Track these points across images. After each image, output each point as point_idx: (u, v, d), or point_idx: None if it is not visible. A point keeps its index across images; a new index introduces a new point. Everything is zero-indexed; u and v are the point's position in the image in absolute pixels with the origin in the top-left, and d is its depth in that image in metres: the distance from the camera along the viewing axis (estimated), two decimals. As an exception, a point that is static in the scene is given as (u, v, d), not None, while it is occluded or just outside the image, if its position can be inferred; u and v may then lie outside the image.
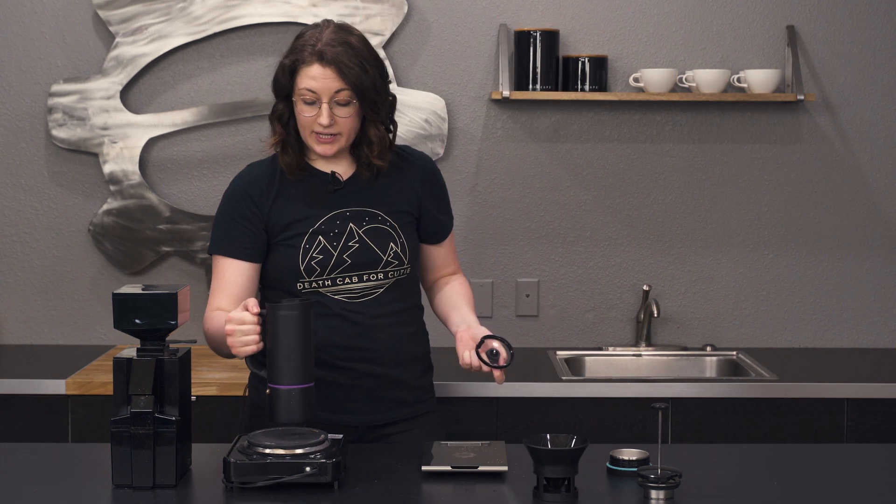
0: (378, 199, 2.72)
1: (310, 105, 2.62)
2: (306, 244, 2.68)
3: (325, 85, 2.60)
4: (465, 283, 2.91)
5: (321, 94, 2.61)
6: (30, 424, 3.44)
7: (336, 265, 2.68)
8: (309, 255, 2.68)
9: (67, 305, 4.01)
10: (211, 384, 3.46)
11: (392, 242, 2.71)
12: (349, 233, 2.69)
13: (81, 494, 2.32)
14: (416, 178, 2.78)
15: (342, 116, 2.63)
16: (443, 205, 2.84)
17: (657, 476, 2.22)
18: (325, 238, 2.68)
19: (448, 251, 2.89)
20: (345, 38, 2.63)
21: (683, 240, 4.04)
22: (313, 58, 2.60)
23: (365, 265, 2.69)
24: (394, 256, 2.71)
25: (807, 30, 3.98)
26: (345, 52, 2.60)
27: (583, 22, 3.98)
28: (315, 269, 2.68)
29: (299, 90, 2.63)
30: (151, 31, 3.91)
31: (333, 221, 2.69)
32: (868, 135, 4.01)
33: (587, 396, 3.47)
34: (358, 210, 2.70)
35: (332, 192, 2.71)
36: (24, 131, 3.97)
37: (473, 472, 2.38)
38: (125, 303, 2.33)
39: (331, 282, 2.69)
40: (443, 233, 2.85)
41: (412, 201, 2.76)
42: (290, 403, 2.35)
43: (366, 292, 2.71)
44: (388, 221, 2.72)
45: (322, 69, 2.60)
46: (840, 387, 3.50)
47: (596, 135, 4.00)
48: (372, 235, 2.70)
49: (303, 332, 2.37)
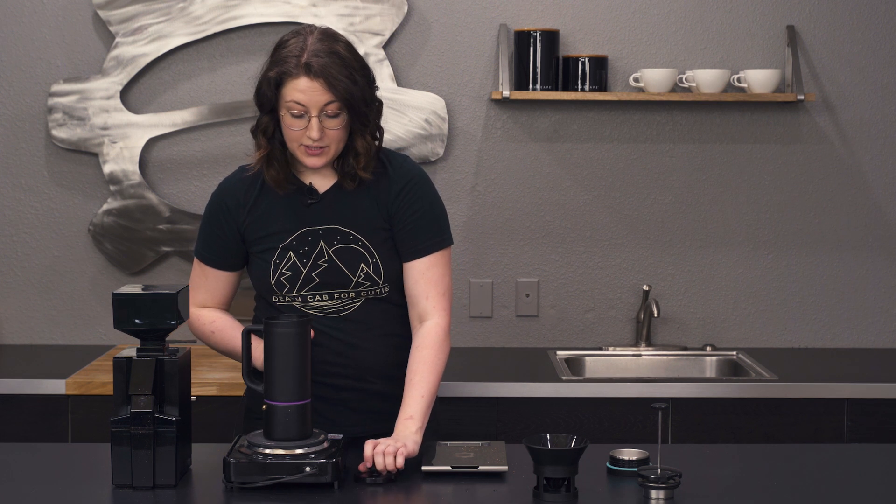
0: (352, 216, 2.63)
1: (298, 118, 2.52)
2: (277, 259, 2.63)
3: (313, 98, 2.50)
4: (430, 346, 2.60)
5: (310, 107, 2.50)
6: (30, 424, 3.44)
7: (305, 282, 2.63)
8: (279, 270, 2.63)
9: (67, 305, 4.01)
10: (211, 384, 3.46)
11: (363, 263, 2.62)
12: (319, 251, 2.62)
13: (81, 494, 2.32)
14: (393, 189, 2.63)
15: (331, 129, 2.53)
16: (417, 221, 2.64)
17: (657, 476, 2.22)
18: (295, 254, 2.63)
19: (420, 277, 2.63)
20: (331, 47, 2.53)
21: (683, 240, 4.04)
22: (300, 70, 2.49)
23: (334, 285, 2.63)
24: (365, 277, 2.62)
25: (807, 30, 3.98)
26: (332, 63, 2.50)
27: (583, 22, 3.98)
28: (285, 284, 2.64)
29: (286, 103, 2.52)
30: (151, 31, 3.91)
31: (305, 238, 2.63)
32: (868, 135, 4.01)
33: (587, 396, 3.47)
34: (329, 228, 2.62)
35: (307, 206, 2.63)
36: (24, 131, 3.97)
37: (473, 472, 2.38)
38: (125, 303, 2.33)
39: (301, 299, 2.64)
40: (410, 249, 2.64)
41: (385, 215, 2.63)
42: (286, 420, 2.35)
43: (340, 308, 2.65)
44: (360, 241, 2.62)
45: (310, 82, 2.49)
46: (840, 387, 3.50)
47: (596, 135, 4.00)
48: (342, 255, 2.62)
49: (299, 350, 2.36)
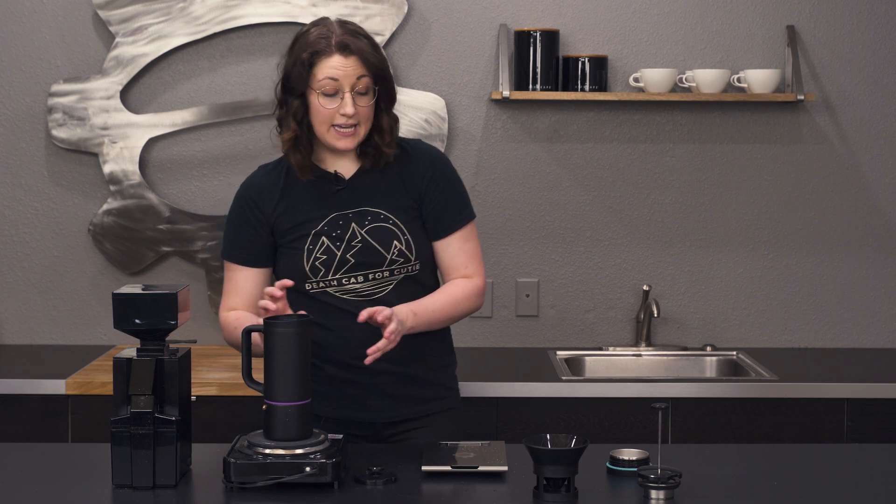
0: (380, 197, 2.71)
1: (330, 97, 2.62)
2: (310, 245, 2.69)
3: (347, 74, 2.61)
4: (466, 284, 2.77)
5: (343, 82, 2.61)
6: (30, 424, 3.44)
7: (340, 265, 2.68)
8: (313, 255, 2.69)
9: (67, 305, 4.01)
10: (211, 384, 3.46)
11: (396, 240, 2.70)
12: (352, 233, 2.69)
13: (81, 494, 2.32)
14: (417, 171, 2.74)
15: (362, 105, 2.64)
16: (447, 198, 2.76)
17: (657, 476, 2.22)
18: (328, 238, 2.69)
19: (457, 251, 2.77)
20: (356, 28, 2.68)
21: (683, 240, 4.04)
22: (333, 48, 2.62)
23: (369, 264, 2.69)
24: (398, 254, 2.70)
25: (807, 30, 3.98)
26: (363, 41, 2.65)
27: (583, 22, 3.98)
28: (320, 269, 2.69)
29: (318, 82, 2.62)
30: (151, 31, 3.91)
31: (336, 222, 2.70)
32: (868, 135, 4.01)
33: (587, 396, 3.47)
34: (360, 210, 2.70)
35: (334, 192, 2.71)
36: (24, 131, 3.97)
37: (473, 472, 2.38)
38: (125, 303, 2.33)
39: (336, 282, 2.69)
40: (444, 228, 2.76)
41: (413, 195, 2.73)
42: (286, 420, 2.35)
43: (374, 291, 2.70)
44: (391, 219, 2.70)
45: (343, 59, 2.61)
46: (840, 387, 3.50)
47: (596, 135, 4.00)
48: (375, 234, 2.69)
49: (299, 350, 2.36)
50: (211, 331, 4.00)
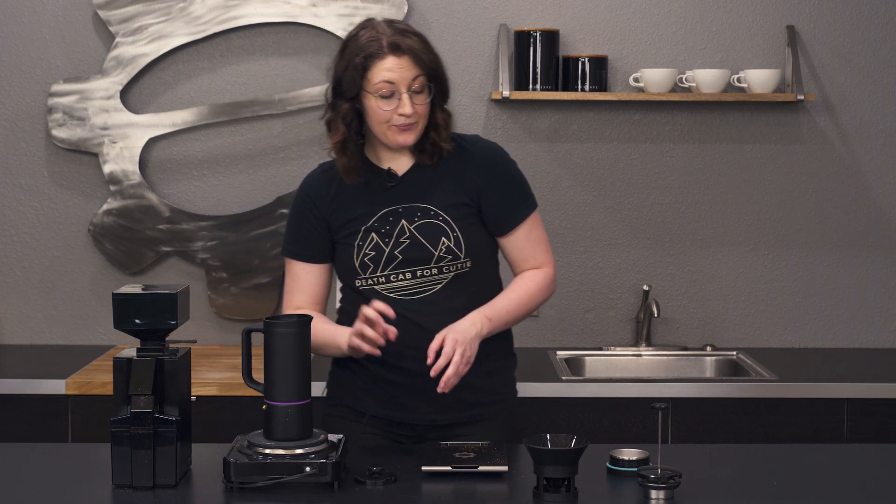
0: (431, 193, 2.70)
1: (387, 99, 2.62)
2: (360, 241, 2.69)
3: (402, 75, 2.61)
4: (537, 275, 2.75)
5: (399, 84, 2.61)
6: (30, 424, 3.44)
7: (388, 261, 2.67)
8: (362, 251, 2.69)
9: (67, 305, 4.01)
10: (211, 384, 3.46)
11: (444, 237, 2.67)
12: (400, 229, 2.68)
13: (81, 494, 2.32)
14: (474, 167, 2.71)
15: (419, 104, 2.64)
16: (508, 193, 2.73)
17: (657, 476, 2.22)
18: (377, 235, 2.68)
19: (524, 243, 2.75)
20: (405, 27, 2.68)
21: (683, 240, 4.04)
22: (386, 50, 2.61)
23: (416, 261, 2.67)
24: (447, 251, 2.67)
25: (807, 30, 3.98)
26: (415, 40, 2.64)
27: (583, 22, 3.98)
28: (368, 265, 2.68)
29: (374, 85, 2.61)
30: (151, 31, 3.91)
31: (386, 218, 2.69)
32: (868, 135, 4.01)
33: (587, 396, 3.47)
34: (410, 206, 2.69)
35: (387, 189, 2.70)
36: (24, 131, 3.97)
37: (473, 472, 2.38)
38: (125, 303, 2.33)
39: (384, 278, 2.68)
40: (508, 223, 2.73)
41: (470, 192, 2.70)
42: (286, 420, 2.35)
43: (421, 288, 2.68)
44: (441, 215, 2.68)
45: (398, 59, 2.61)
46: (840, 387, 3.50)
47: (596, 135, 4.00)
48: (423, 230, 2.67)
49: (299, 350, 2.36)
50: (211, 331, 4.01)
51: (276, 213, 3.96)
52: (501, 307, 2.68)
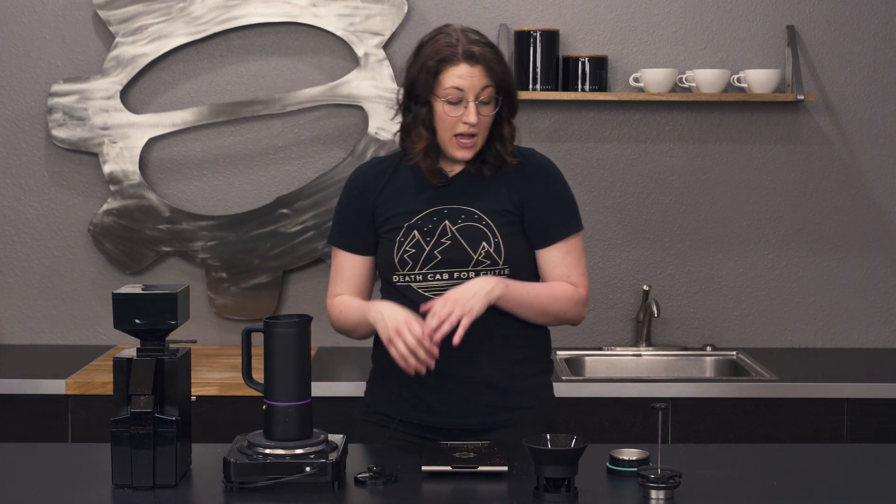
0: (478, 197, 2.70)
1: (454, 105, 2.63)
2: (401, 238, 2.70)
3: (472, 83, 2.61)
4: (568, 288, 2.72)
5: (468, 92, 2.62)
6: (30, 424, 3.44)
7: (427, 260, 2.67)
8: (403, 247, 2.69)
9: (67, 305, 4.01)
10: (211, 384, 3.46)
11: (485, 241, 2.67)
12: (443, 229, 2.68)
13: (81, 494, 2.32)
14: (524, 177, 2.72)
15: (484, 115, 2.64)
16: (553, 207, 2.72)
17: (657, 476, 2.22)
18: (419, 233, 2.69)
19: (560, 261, 2.73)
20: (482, 38, 2.68)
21: (683, 240, 4.04)
22: (460, 57, 2.62)
23: (455, 262, 2.67)
24: (486, 255, 2.67)
25: (807, 30, 3.98)
26: (489, 51, 2.64)
27: (583, 22, 3.98)
28: (407, 262, 2.69)
29: (444, 90, 2.63)
30: (151, 31, 3.91)
31: (430, 217, 2.69)
32: (868, 135, 4.01)
33: (587, 396, 3.47)
34: (455, 208, 2.69)
35: (436, 189, 2.71)
36: (24, 131, 3.97)
37: (473, 472, 2.38)
38: (125, 303, 2.33)
39: (422, 276, 2.68)
40: (548, 237, 2.72)
41: (515, 202, 2.70)
42: (286, 420, 2.35)
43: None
44: (485, 220, 2.68)
45: (470, 68, 2.62)
46: (840, 387, 3.50)
47: (596, 135, 4.00)
48: (465, 233, 2.67)
49: (299, 350, 2.36)
50: (211, 331, 4.01)
51: (276, 213, 3.96)
52: (522, 285, 2.67)
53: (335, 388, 3.44)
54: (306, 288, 4.02)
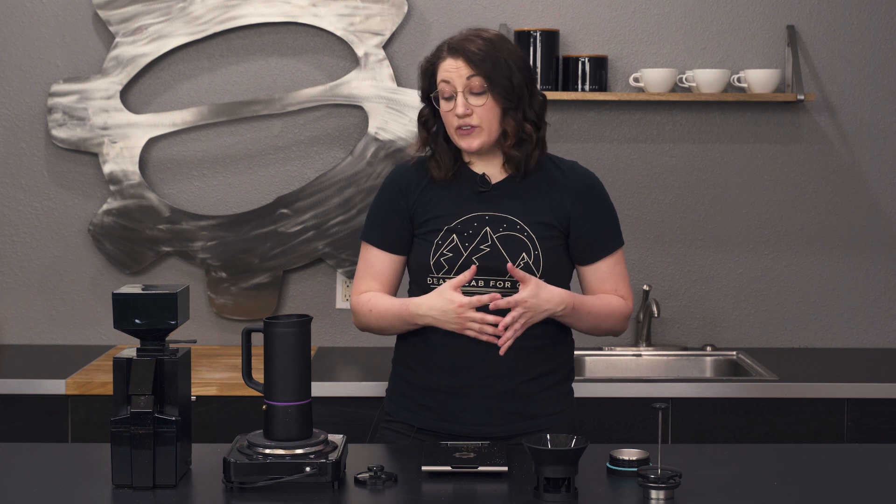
0: (522, 207, 2.69)
1: (448, 100, 2.65)
2: (439, 240, 2.68)
3: (456, 74, 2.64)
4: (619, 302, 2.76)
5: (455, 83, 2.64)
6: (30, 424, 3.44)
7: (464, 265, 2.66)
8: (440, 251, 2.68)
9: (67, 305, 4.01)
10: (211, 384, 3.46)
11: (525, 252, 2.66)
12: (483, 236, 2.67)
13: (81, 494, 2.31)
14: (569, 193, 2.72)
15: (477, 105, 2.63)
16: (599, 224, 2.74)
17: (657, 476, 2.22)
18: (458, 237, 2.68)
19: (607, 276, 2.76)
20: (478, 32, 2.70)
21: (683, 240, 4.04)
22: (445, 52, 2.67)
23: (492, 270, 2.65)
24: (524, 267, 2.65)
25: (807, 30, 3.98)
26: (474, 42, 2.65)
27: (583, 22, 3.98)
28: (443, 265, 2.68)
29: (438, 86, 2.67)
30: (151, 31, 3.92)
31: (470, 223, 2.68)
32: (868, 135, 4.01)
33: (587, 396, 3.47)
34: (497, 216, 2.68)
35: (478, 194, 2.70)
36: (24, 131, 3.97)
37: (473, 472, 2.38)
38: (125, 303, 2.33)
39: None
40: (594, 254, 2.74)
41: (560, 216, 2.70)
42: (286, 420, 2.35)
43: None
44: (526, 231, 2.67)
45: (453, 60, 2.65)
46: (840, 387, 3.50)
47: (596, 135, 4.00)
48: (505, 242, 2.67)
49: (299, 350, 2.36)
50: (211, 331, 4.01)
51: (276, 213, 3.96)
52: (584, 302, 2.71)
53: (335, 388, 3.43)
54: (306, 288, 4.03)
